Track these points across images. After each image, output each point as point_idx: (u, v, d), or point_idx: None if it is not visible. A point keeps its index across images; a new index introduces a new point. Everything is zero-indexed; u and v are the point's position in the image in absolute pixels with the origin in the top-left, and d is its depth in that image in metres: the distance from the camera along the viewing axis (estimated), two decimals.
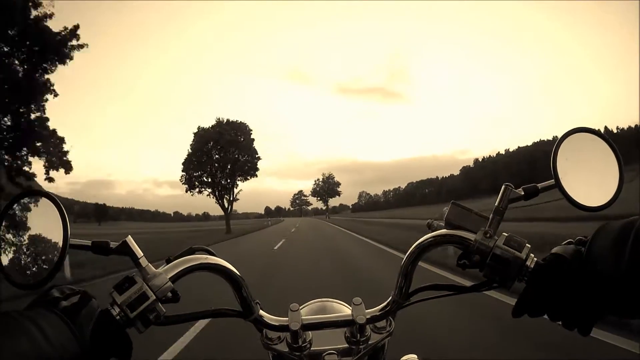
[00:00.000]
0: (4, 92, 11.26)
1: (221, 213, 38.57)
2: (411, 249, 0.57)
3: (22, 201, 0.52)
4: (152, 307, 0.47)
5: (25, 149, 12.30)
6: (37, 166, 12.88)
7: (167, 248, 13.53)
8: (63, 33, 12.05)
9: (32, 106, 12.10)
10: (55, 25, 12.06)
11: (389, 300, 0.59)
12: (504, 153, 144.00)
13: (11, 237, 0.50)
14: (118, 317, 0.46)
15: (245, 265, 9.22)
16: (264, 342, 0.60)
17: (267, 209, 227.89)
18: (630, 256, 0.42)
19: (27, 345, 0.37)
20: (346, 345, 0.59)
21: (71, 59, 12.33)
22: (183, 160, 36.92)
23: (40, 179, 12.92)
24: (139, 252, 0.50)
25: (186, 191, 36.86)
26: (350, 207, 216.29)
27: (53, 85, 12.43)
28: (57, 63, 12.20)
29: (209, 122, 37.67)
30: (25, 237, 0.50)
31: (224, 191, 37.17)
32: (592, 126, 0.56)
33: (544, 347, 3.13)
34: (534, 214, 19.44)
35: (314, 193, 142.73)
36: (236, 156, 37.21)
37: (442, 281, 0.59)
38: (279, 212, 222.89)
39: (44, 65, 12.05)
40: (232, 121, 38.14)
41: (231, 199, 37.42)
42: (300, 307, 0.61)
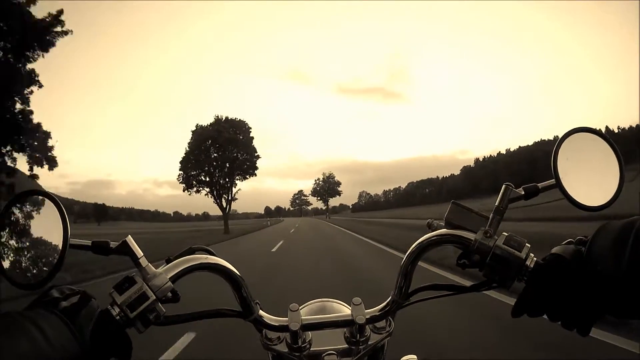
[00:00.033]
0: None
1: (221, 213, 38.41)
2: (411, 248, 0.56)
3: (22, 201, 0.52)
4: (152, 307, 0.47)
5: (7, 143, 11.18)
6: (20, 162, 11.89)
7: (166, 248, 13.52)
8: (47, 19, 11.12)
9: (16, 98, 11.07)
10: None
11: (388, 301, 0.59)
12: (504, 153, 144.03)
13: (11, 237, 0.50)
14: (118, 317, 0.45)
15: (242, 267, 9.21)
16: (263, 343, 0.60)
17: (267, 208, 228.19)
18: (630, 256, 0.42)
19: (27, 346, 0.37)
20: (346, 346, 0.58)
21: (54, 46, 11.35)
22: (180, 159, 36.10)
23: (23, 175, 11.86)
24: (138, 252, 0.50)
25: (183, 190, 36.10)
26: (351, 207, 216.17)
27: (38, 76, 11.55)
28: (39, 52, 11.29)
29: (208, 122, 37.12)
30: (25, 237, 0.50)
31: (222, 190, 36.53)
32: (593, 126, 0.56)
33: (543, 347, 3.13)
34: (534, 213, 19.43)
35: (314, 193, 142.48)
36: (235, 154, 36.49)
37: (441, 281, 0.59)
38: (279, 212, 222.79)
39: (26, 53, 11.05)
40: (231, 119, 37.39)
41: (229, 198, 36.86)
42: (300, 307, 0.61)
